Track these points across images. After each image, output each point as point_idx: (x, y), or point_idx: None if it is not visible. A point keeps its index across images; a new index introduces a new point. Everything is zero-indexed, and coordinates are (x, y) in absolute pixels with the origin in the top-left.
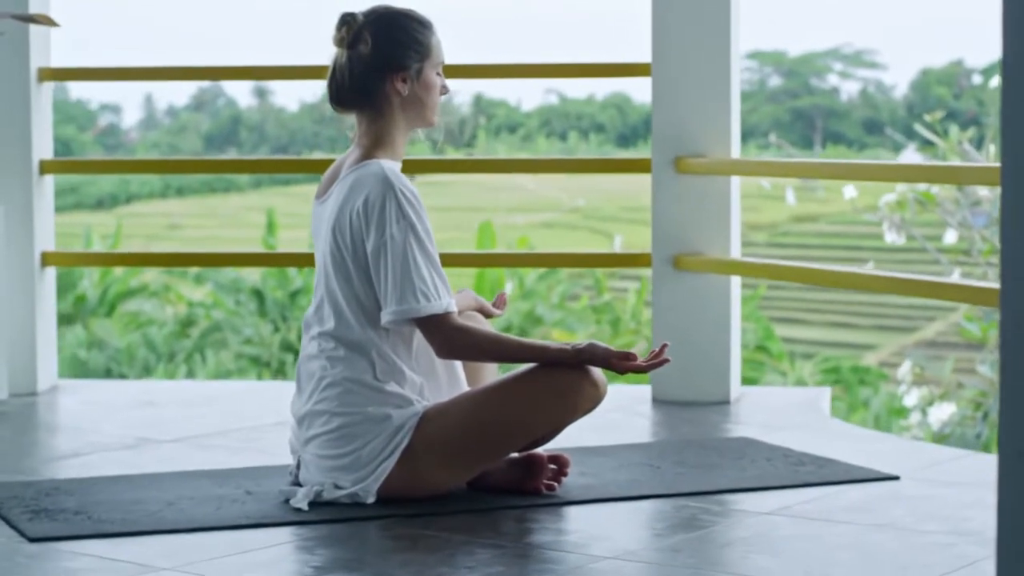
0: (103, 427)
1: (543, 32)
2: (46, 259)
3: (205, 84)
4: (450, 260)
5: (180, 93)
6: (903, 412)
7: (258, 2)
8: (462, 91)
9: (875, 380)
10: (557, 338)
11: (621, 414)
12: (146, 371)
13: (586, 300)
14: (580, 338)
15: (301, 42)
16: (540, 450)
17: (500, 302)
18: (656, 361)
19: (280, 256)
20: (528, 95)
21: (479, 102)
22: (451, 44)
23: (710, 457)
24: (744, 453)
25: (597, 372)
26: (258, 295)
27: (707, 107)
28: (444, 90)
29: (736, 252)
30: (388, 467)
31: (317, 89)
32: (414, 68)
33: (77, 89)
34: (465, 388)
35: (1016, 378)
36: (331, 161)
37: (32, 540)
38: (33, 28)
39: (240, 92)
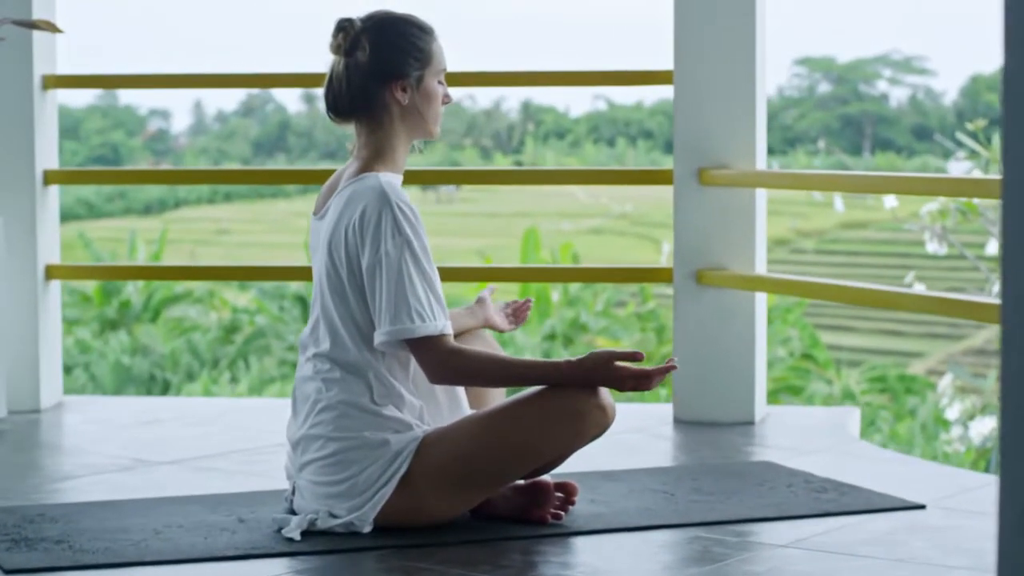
0: (102, 447)
1: (574, 38)
2: (50, 272)
3: (255, 90)
4: (463, 275)
5: (229, 99)
6: (948, 424)
7: (274, 7)
8: (510, 97)
9: (922, 389)
10: (602, 346)
11: (641, 435)
12: (189, 377)
13: (632, 307)
14: (625, 347)
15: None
16: (547, 477)
17: (520, 315)
18: (664, 367)
19: (277, 270)
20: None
21: (527, 108)
22: (473, 50)
23: (728, 483)
24: (764, 479)
25: (605, 396)
26: (301, 301)
27: (731, 116)
28: (447, 99)
29: (761, 267)
30: (386, 494)
31: None
32: (414, 76)
33: (126, 95)
34: (467, 412)
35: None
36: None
37: (7, 572)
38: (37, 34)
39: (289, 98)
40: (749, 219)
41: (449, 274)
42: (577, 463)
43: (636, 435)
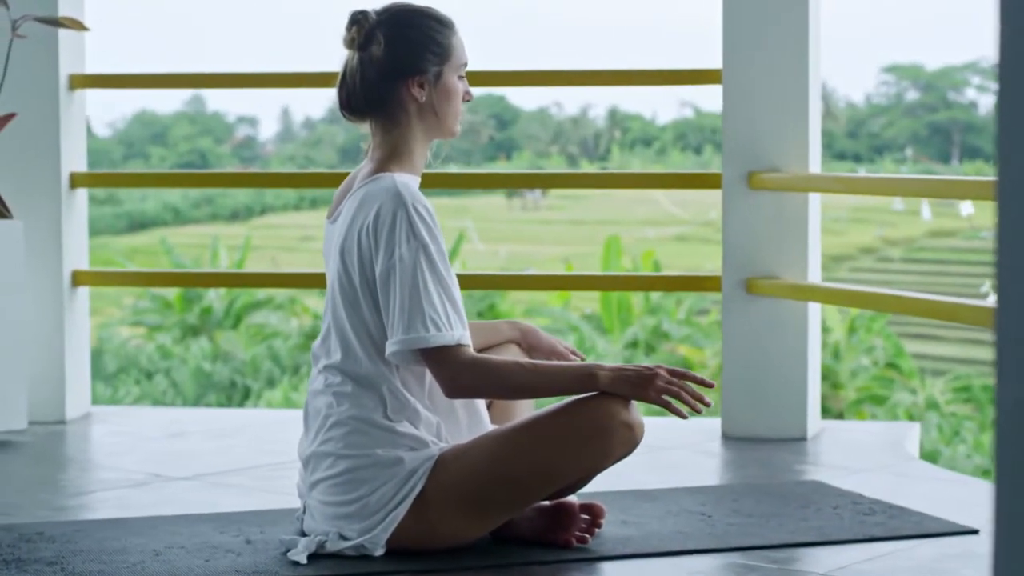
0: (120, 461)
1: (625, 41)
2: (77, 278)
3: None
4: (505, 283)
5: (317, 105)
6: None
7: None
8: (598, 104)
9: None
10: (685, 355)
11: (686, 452)
12: (270, 384)
13: (714, 315)
14: (707, 355)
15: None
16: (572, 497)
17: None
18: (694, 396)
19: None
20: (663, 108)
21: (614, 116)
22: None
23: (770, 504)
24: (810, 500)
25: (633, 412)
26: None
27: (783, 117)
28: (467, 96)
29: (815, 275)
30: (399, 516)
31: None
32: (432, 72)
33: (214, 102)
34: (488, 428)
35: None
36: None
37: None
38: (64, 33)
39: None
40: (802, 225)
41: (469, 281)
42: (612, 481)
43: (681, 451)
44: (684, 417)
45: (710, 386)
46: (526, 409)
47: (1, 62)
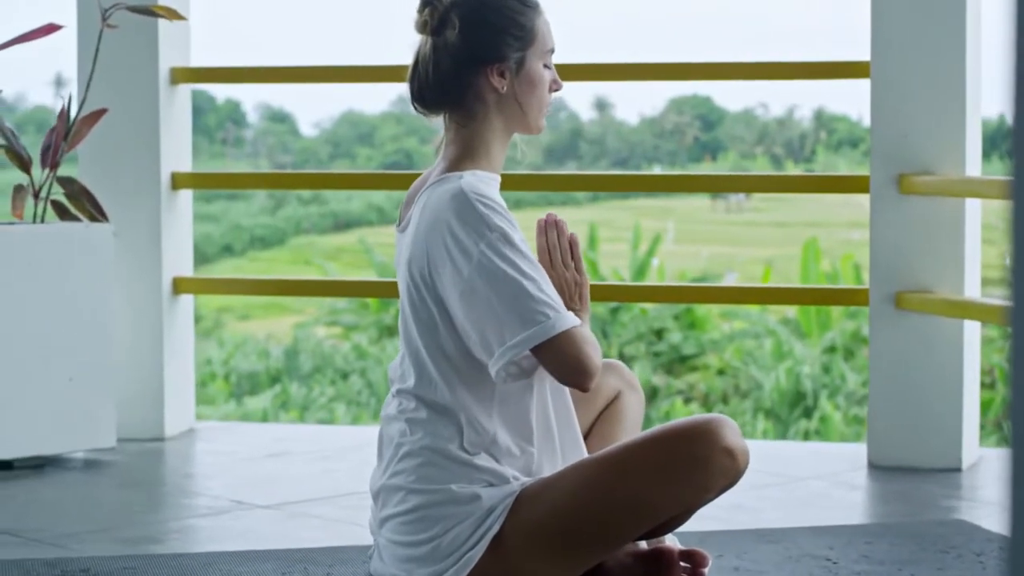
0: (206, 485)
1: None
2: (178, 285)
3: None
4: (634, 294)
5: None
6: None
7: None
8: (803, 105)
9: None
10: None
11: (825, 482)
12: None
13: None
14: None
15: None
16: (673, 540)
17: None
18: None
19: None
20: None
21: (820, 117)
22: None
23: (907, 549)
24: (952, 544)
25: (735, 437)
26: None
27: (938, 114)
28: (555, 86)
29: (972, 290)
30: (474, 558)
31: (658, 102)
32: (513, 59)
33: None
34: (584, 455)
35: None
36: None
37: None
38: (165, 24)
39: (581, 105)
40: (957, 234)
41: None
42: (733, 517)
43: (819, 482)
44: None
45: None
46: (627, 434)
47: (91, 55)
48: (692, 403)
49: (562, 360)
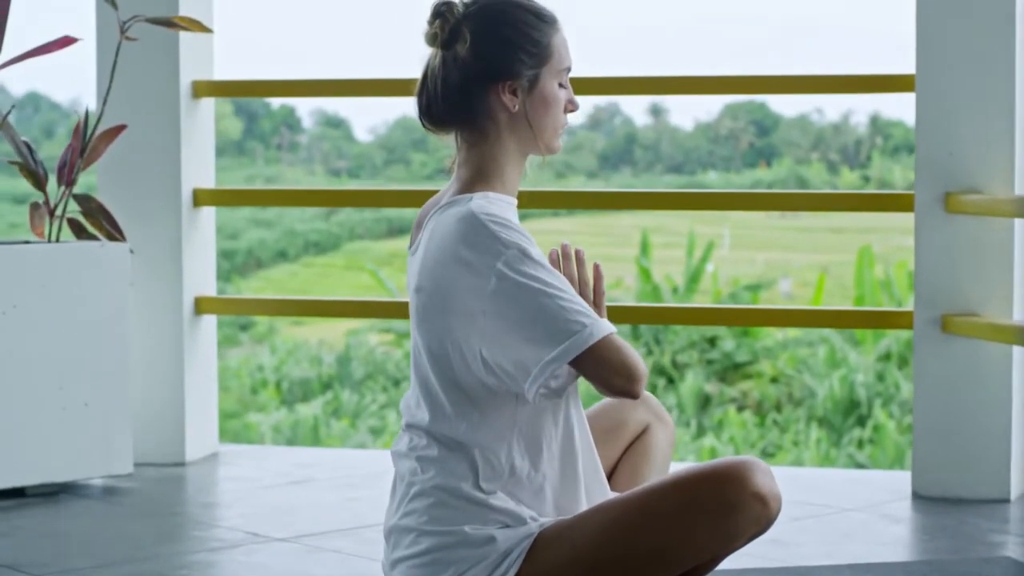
0: (223, 514)
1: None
2: (201, 305)
3: (602, 102)
4: (666, 316)
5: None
6: None
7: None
8: (858, 111)
9: None
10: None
11: (866, 514)
12: None
13: None
14: None
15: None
16: None
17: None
18: None
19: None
20: None
21: (875, 122)
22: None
23: None
24: None
25: (765, 480)
26: None
27: (986, 129)
28: (571, 106)
29: (1021, 314)
30: None
31: (712, 107)
32: (527, 76)
33: None
34: (609, 495)
35: None
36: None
37: None
38: (187, 36)
39: (636, 111)
40: (1006, 255)
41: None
42: (766, 551)
43: (860, 514)
44: None
45: None
46: (656, 470)
47: (109, 68)
48: (745, 411)
49: (607, 367)
